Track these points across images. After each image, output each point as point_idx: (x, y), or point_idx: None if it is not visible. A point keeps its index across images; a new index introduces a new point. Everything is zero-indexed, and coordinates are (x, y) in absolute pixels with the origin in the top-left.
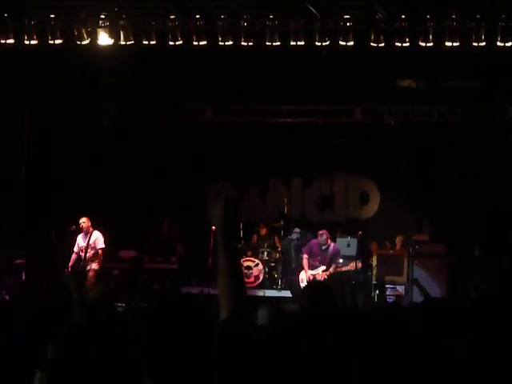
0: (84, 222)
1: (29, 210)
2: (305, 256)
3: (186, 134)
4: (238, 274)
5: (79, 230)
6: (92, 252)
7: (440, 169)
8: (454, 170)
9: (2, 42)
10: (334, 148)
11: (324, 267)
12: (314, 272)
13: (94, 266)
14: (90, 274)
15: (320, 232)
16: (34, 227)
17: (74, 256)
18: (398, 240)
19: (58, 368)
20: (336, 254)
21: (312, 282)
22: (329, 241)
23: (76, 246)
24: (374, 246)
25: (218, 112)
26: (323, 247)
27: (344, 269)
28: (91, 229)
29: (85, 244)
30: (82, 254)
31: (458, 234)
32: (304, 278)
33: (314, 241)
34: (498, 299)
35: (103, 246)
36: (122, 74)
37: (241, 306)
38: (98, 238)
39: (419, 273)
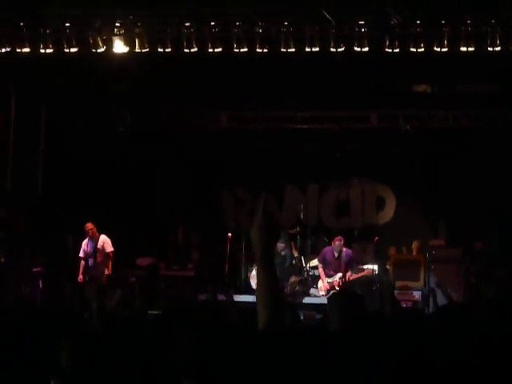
0: (90, 227)
1: (45, 215)
2: (320, 265)
3: (202, 140)
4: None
5: (84, 235)
6: (101, 257)
7: (455, 173)
8: (470, 175)
9: (18, 50)
10: (349, 154)
11: (340, 274)
12: (330, 280)
13: (106, 271)
14: (103, 279)
15: (337, 238)
16: (50, 233)
17: (82, 263)
18: (414, 245)
19: (71, 376)
20: (350, 259)
21: (342, 291)
22: (343, 247)
23: (82, 251)
24: (392, 251)
25: (233, 118)
26: (336, 254)
27: (360, 274)
28: (97, 234)
29: (92, 249)
30: (90, 260)
31: (473, 239)
32: (322, 286)
33: (326, 249)
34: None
35: (112, 249)
36: (136, 81)
37: (279, 314)
38: (105, 242)
39: (435, 278)
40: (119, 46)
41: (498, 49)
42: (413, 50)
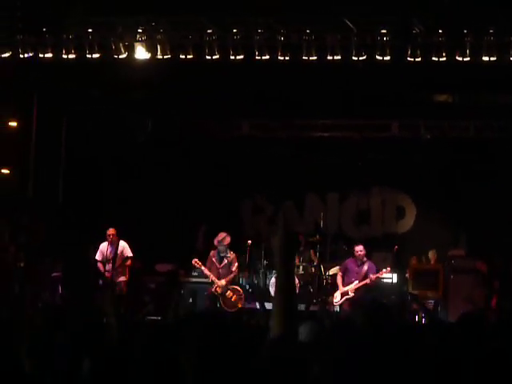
0: (112, 232)
1: (66, 222)
2: (339, 274)
3: (222, 147)
4: (293, 296)
5: (104, 239)
6: (120, 262)
7: (476, 184)
8: (491, 185)
9: (41, 56)
10: (370, 162)
11: (356, 281)
12: (347, 288)
13: (123, 278)
14: (122, 285)
15: (358, 248)
16: (70, 240)
17: (99, 265)
18: (431, 254)
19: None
20: (370, 271)
21: (370, 302)
22: (365, 258)
23: (100, 254)
24: (413, 261)
25: (254, 126)
26: (359, 263)
27: (365, 282)
28: (117, 239)
29: (112, 254)
30: (108, 265)
31: (494, 249)
32: (338, 295)
33: (349, 260)
34: None
35: (131, 254)
36: (158, 87)
37: (294, 324)
38: (125, 248)
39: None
40: (141, 52)
41: None
42: (435, 59)
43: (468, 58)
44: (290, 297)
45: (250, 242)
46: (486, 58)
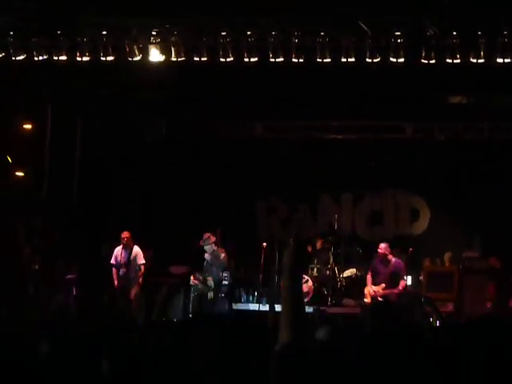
0: (126, 235)
1: (80, 223)
2: (369, 273)
3: (236, 149)
4: (300, 305)
5: (119, 243)
6: (133, 268)
7: (491, 186)
8: (505, 187)
9: (55, 58)
10: (383, 164)
11: (383, 285)
12: (375, 288)
13: (135, 282)
14: (134, 290)
15: (380, 246)
16: (85, 241)
17: (114, 271)
18: (447, 256)
19: None
20: (397, 269)
21: (377, 303)
22: (389, 256)
23: (113, 258)
24: (427, 263)
25: (268, 128)
26: (385, 263)
27: (390, 290)
28: (132, 243)
29: (125, 259)
30: (122, 270)
31: (508, 251)
32: (367, 293)
33: (376, 260)
34: None
35: (144, 261)
36: (172, 90)
37: (300, 330)
38: (138, 254)
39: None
40: (155, 55)
41: None
42: (449, 61)
43: (482, 60)
44: (296, 307)
45: (265, 244)
46: (500, 60)
